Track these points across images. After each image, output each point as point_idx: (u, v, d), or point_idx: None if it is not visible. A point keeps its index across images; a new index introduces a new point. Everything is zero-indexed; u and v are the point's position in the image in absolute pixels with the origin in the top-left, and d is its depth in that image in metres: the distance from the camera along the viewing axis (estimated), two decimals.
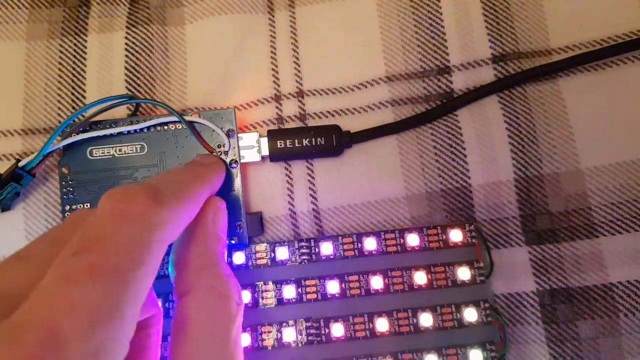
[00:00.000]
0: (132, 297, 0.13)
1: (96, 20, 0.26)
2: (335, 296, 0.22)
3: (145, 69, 0.25)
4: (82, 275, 0.12)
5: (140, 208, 0.14)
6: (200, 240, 0.18)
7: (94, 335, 0.12)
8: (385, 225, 0.23)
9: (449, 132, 0.24)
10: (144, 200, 0.14)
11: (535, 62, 0.24)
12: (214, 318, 0.16)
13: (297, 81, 0.25)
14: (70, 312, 0.12)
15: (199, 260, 0.17)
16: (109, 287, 0.13)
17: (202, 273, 0.17)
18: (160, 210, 0.14)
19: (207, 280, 0.17)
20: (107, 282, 0.13)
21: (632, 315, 0.22)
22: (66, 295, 0.12)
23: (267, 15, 0.26)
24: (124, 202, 0.14)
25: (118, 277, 0.13)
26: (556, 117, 0.24)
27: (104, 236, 0.13)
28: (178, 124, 0.23)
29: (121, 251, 0.13)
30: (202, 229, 0.18)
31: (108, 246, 0.13)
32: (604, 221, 0.23)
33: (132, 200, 0.14)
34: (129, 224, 0.14)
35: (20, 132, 0.25)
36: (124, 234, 0.14)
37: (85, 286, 0.12)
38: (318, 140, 0.23)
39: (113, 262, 0.13)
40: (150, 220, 0.14)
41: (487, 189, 0.23)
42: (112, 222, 0.14)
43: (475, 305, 0.22)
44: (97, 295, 0.12)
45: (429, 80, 0.25)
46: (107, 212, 0.14)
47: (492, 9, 0.25)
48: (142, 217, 0.14)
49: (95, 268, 0.13)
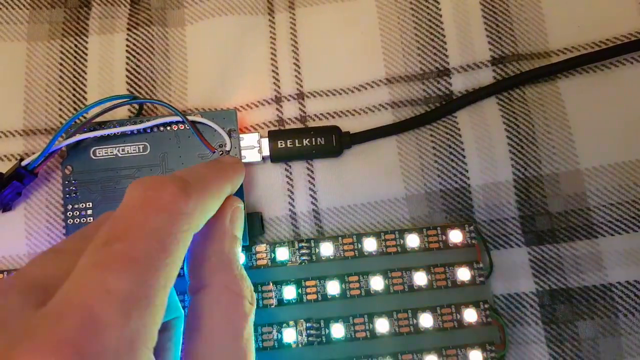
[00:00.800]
0: (163, 286, 0.13)
1: (97, 22, 0.26)
2: (336, 297, 0.22)
3: (146, 70, 0.25)
4: (115, 263, 0.13)
5: (169, 198, 0.14)
6: (217, 238, 0.18)
7: (129, 322, 0.12)
8: (385, 225, 0.24)
9: (448, 133, 0.24)
10: (173, 190, 0.14)
11: (534, 63, 0.24)
12: (227, 316, 0.16)
13: (297, 83, 0.25)
14: (105, 299, 0.12)
15: (215, 259, 0.17)
16: (141, 275, 0.13)
17: (216, 271, 0.17)
18: (188, 201, 0.15)
19: (221, 279, 0.17)
20: (139, 270, 0.13)
21: (632, 315, 0.22)
22: (100, 282, 0.12)
23: (267, 16, 0.26)
24: (153, 191, 0.14)
25: (149, 265, 0.13)
26: (555, 118, 0.24)
27: (134, 225, 0.14)
28: (180, 124, 0.23)
29: (151, 239, 0.13)
30: (220, 227, 0.18)
31: (139, 234, 0.13)
32: (603, 222, 0.23)
33: (161, 190, 0.14)
34: (158, 213, 0.14)
35: (21, 133, 0.25)
36: (153, 223, 0.14)
37: (118, 273, 0.12)
38: (318, 141, 0.24)
39: (144, 250, 0.13)
40: (178, 210, 0.14)
41: (487, 190, 0.23)
42: (142, 211, 0.14)
43: (475, 306, 0.22)
44: (131, 283, 0.12)
45: (429, 82, 0.25)
46: (135, 201, 0.14)
47: (491, 11, 0.25)
48: (170, 207, 0.14)
49: (127, 256, 0.13)
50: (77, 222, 0.23)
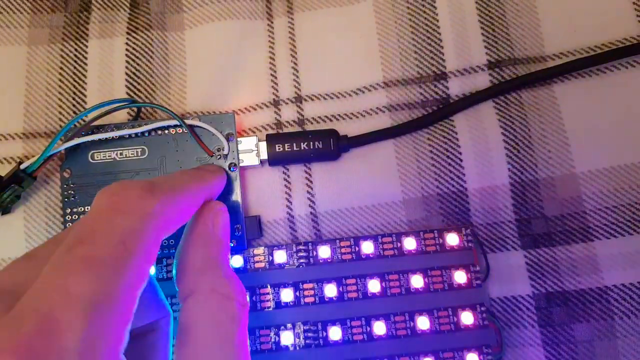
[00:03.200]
0: (127, 286, 0.13)
1: (97, 26, 0.26)
2: (333, 299, 0.22)
3: (146, 74, 0.26)
4: (76, 266, 0.13)
5: (133, 199, 0.14)
6: (201, 243, 0.18)
7: (89, 324, 0.12)
8: (383, 229, 0.24)
9: (445, 137, 0.24)
10: (138, 192, 0.15)
11: (531, 68, 0.24)
12: (217, 319, 0.16)
13: (295, 86, 0.25)
14: (64, 301, 0.12)
15: (200, 263, 0.17)
16: (103, 276, 0.13)
17: (203, 276, 0.17)
18: (153, 201, 0.15)
19: (208, 283, 0.17)
20: (100, 271, 0.13)
21: (627, 318, 0.22)
22: (60, 285, 0.12)
23: (266, 21, 0.26)
24: (117, 196, 0.15)
25: (111, 265, 0.13)
26: (551, 122, 0.24)
27: (98, 228, 0.14)
28: (178, 128, 0.23)
29: (114, 241, 0.13)
30: (202, 232, 0.18)
31: (101, 237, 0.13)
32: (598, 225, 0.23)
33: (125, 193, 0.15)
34: (122, 215, 0.14)
35: (21, 136, 0.25)
36: (116, 225, 0.14)
37: (78, 276, 0.12)
38: (316, 145, 0.24)
39: (106, 252, 0.13)
40: (142, 211, 0.14)
41: (483, 193, 0.24)
42: (105, 215, 0.14)
43: (472, 309, 0.22)
44: (91, 284, 0.12)
45: (426, 85, 0.25)
46: (101, 206, 0.14)
47: (487, 15, 0.25)
48: (134, 208, 0.14)
49: (88, 258, 0.13)
50: None
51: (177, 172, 0.19)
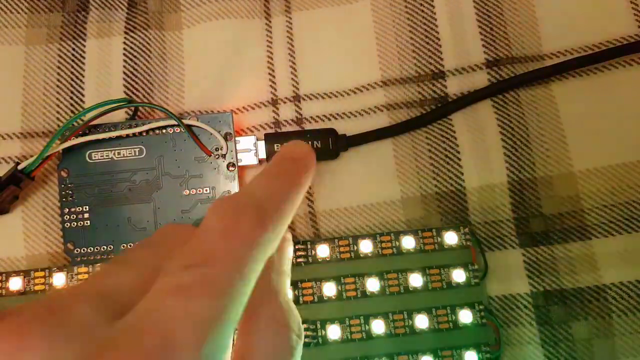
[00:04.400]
0: (237, 314, 0.13)
1: (94, 25, 0.26)
2: (332, 298, 0.22)
3: (143, 73, 0.26)
4: (196, 288, 0.13)
5: (247, 227, 0.14)
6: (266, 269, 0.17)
7: (204, 347, 0.12)
8: (381, 227, 0.24)
9: (444, 135, 0.24)
10: (252, 220, 0.14)
11: (528, 67, 0.25)
12: (273, 346, 0.16)
13: (293, 85, 0.25)
14: (184, 322, 0.12)
15: (264, 289, 0.17)
16: (220, 301, 0.13)
17: (264, 302, 0.17)
18: (265, 232, 0.15)
19: (267, 310, 0.17)
20: (219, 297, 0.13)
21: (625, 316, 0.22)
22: (181, 305, 0.12)
23: (264, 20, 0.26)
24: (232, 219, 0.14)
25: (228, 291, 0.13)
26: (549, 121, 0.24)
27: (214, 251, 0.14)
28: (176, 128, 0.23)
29: (231, 267, 0.13)
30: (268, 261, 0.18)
31: (218, 261, 0.13)
32: (596, 223, 0.23)
33: (239, 220, 0.14)
34: (237, 241, 0.14)
35: (19, 136, 0.25)
36: (232, 251, 0.14)
37: (199, 298, 0.12)
38: (314, 144, 0.24)
39: (224, 277, 0.13)
40: (256, 240, 0.14)
41: (481, 192, 0.24)
42: (221, 238, 0.14)
43: (470, 307, 0.22)
44: (209, 308, 0.13)
45: (424, 84, 0.25)
46: (215, 227, 0.14)
47: (485, 14, 0.25)
48: (249, 236, 0.14)
49: (209, 282, 0.13)
50: (74, 225, 0.23)
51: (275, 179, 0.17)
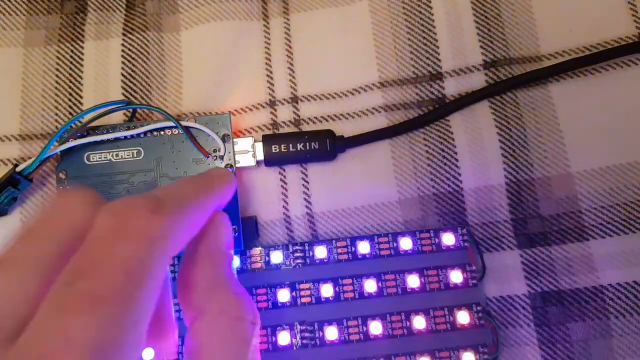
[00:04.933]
0: (134, 323, 0.12)
1: (93, 27, 0.26)
2: (329, 299, 0.22)
3: (142, 75, 0.26)
4: (78, 305, 0.11)
5: (139, 222, 0.13)
6: (206, 260, 0.16)
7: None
8: (379, 229, 0.24)
9: (441, 137, 0.24)
10: (143, 212, 0.13)
11: (526, 67, 0.25)
12: (227, 343, 0.15)
13: (291, 87, 0.25)
14: (67, 347, 0.11)
15: (206, 282, 0.16)
16: (108, 315, 0.12)
17: (210, 296, 0.16)
18: (161, 222, 0.13)
19: (216, 303, 0.15)
20: (105, 310, 0.12)
21: (623, 317, 0.22)
22: (62, 328, 0.11)
23: (261, 22, 0.26)
24: (122, 217, 0.13)
25: (117, 302, 0.12)
26: (547, 122, 0.24)
27: (99, 258, 0.12)
28: (174, 129, 0.23)
29: (119, 273, 0.12)
30: (206, 247, 0.16)
31: (104, 270, 0.12)
32: (594, 224, 0.23)
33: (130, 214, 0.13)
34: (127, 241, 0.13)
35: (17, 138, 0.25)
36: (121, 254, 0.12)
37: (81, 317, 0.11)
38: (312, 145, 0.24)
39: (111, 287, 0.12)
40: (150, 235, 0.13)
41: (479, 193, 0.24)
42: (109, 242, 0.13)
43: (468, 308, 0.22)
44: (96, 325, 0.11)
45: (422, 86, 0.25)
46: (103, 230, 0.13)
47: (483, 15, 0.25)
48: (141, 232, 0.13)
49: (91, 296, 0.12)
50: None
51: (183, 182, 0.17)
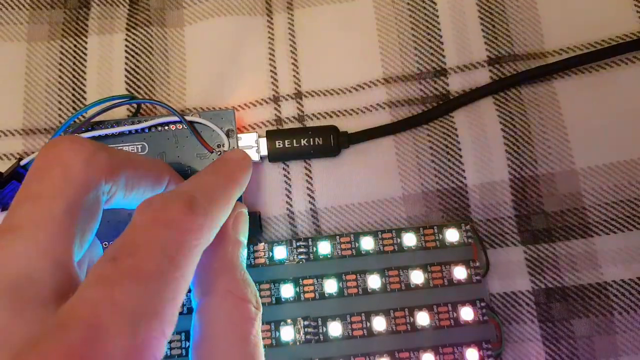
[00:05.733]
0: (171, 299, 0.13)
1: (96, 22, 0.26)
2: (333, 295, 0.22)
3: (145, 70, 0.26)
4: (123, 277, 0.13)
5: (177, 216, 0.15)
6: (220, 244, 0.18)
7: (134, 334, 0.12)
8: (382, 224, 0.24)
9: (445, 133, 0.24)
10: (179, 208, 0.15)
11: (531, 64, 0.24)
12: (232, 321, 0.16)
13: (295, 82, 0.25)
14: (111, 311, 0.12)
15: (217, 264, 0.17)
16: (149, 288, 0.13)
17: (219, 277, 0.17)
18: (193, 217, 0.15)
19: (224, 284, 0.17)
20: (147, 284, 0.13)
21: (627, 313, 0.22)
22: (108, 295, 0.12)
23: (265, 17, 0.26)
24: (161, 212, 0.15)
25: (157, 278, 0.13)
26: (551, 118, 0.24)
27: (142, 241, 0.14)
28: (178, 124, 0.23)
29: (159, 255, 0.14)
30: (222, 233, 0.18)
31: (146, 250, 0.14)
32: (598, 221, 0.23)
33: (169, 209, 0.15)
34: (167, 230, 0.14)
35: (21, 132, 0.25)
36: (161, 240, 0.14)
37: (126, 287, 0.13)
38: (316, 141, 0.24)
39: (152, 266, 0.13)
40: (186, 227, 0.15)
41: (483, 189, 0.24)
42: (149, 229, 0.14)
43: (472, 304, 0.22)
44: (138, 296, 0.13)
45: (426, 82, 0.25)
46: (144, 220, 0.15)
47: (487, 12, 0.25)
48: (179, 224, 0.15)
49: (136, 270, 0.13)
50: None
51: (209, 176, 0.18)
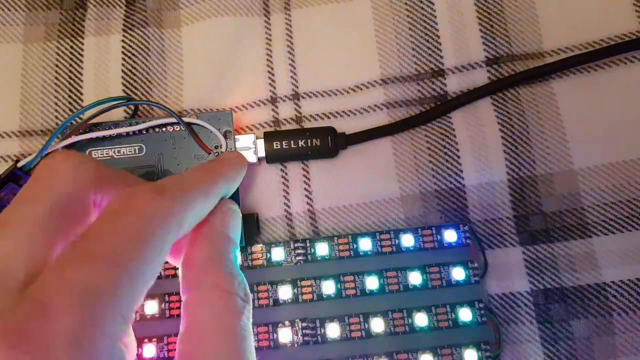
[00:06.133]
0: (128, 281, 0.13)
1: (93, 23, 0.26)
2: (331, 296, 0.22)
3: (142, 71, 0.26)
4: (76, 258, 0.13)
5: (142, 201, 0.15)
6: (206, 239, 0.18)
7: (82, 312, 0.12)
8: (380, 225, 0.24)
9: (443, 133, 0.24)
10: (147, 194, 0.15)
11: (529, 64, 0.24)
12: (217, 314, 0.16)
13: (292, 83, 0.25)
14: (59, 288, 0.12)
15: (203, 259, 0.17)
16: (103, 269, 0.13)
17: (205, 271, 0.17)
18: (160, 202, 0.15)
19: (209, 277, 0.17)
20: (102, 265, 0.13)
21: (625, 314, 0.22)
22: (59, 274, 0.13)
23: (263, 17, 0.26)
24: (128, 198, 0.15)
25: (113, 260, 0.13)
26: (549, 119, 0.24)
27: (104, 225, 0.14)
28: (176, 126, 0.23)
29: (119, 238, 0.14)
30: (208, 228, 0.18)
31: (106, 234, 0.14)
32: (597, 221, 0.23)
33: (136, 196, 0.15)
34: (129, 215, 0.14)
35: (17, 134, 0.25)
36: (124, 224, 0.14)
37: (77, 266, 0.13)
38: (314, 142, 0.24)
39: (110, 247, 0.14)
40: (150, 212, 0.15)
41: (481, 190, 0.24)
42: (114, 215, 0.15)
43: (470, 306, 0.22)
44: (90, 275, 0.13)
45: (424, 82, 0.25)
46: (111, 208, 0.15)
47: (485, 12, 0.25)
48: (141, 208, 0.15)
49: (90, 252, 0.13)
50: None
51: (193, 169, 0.19)
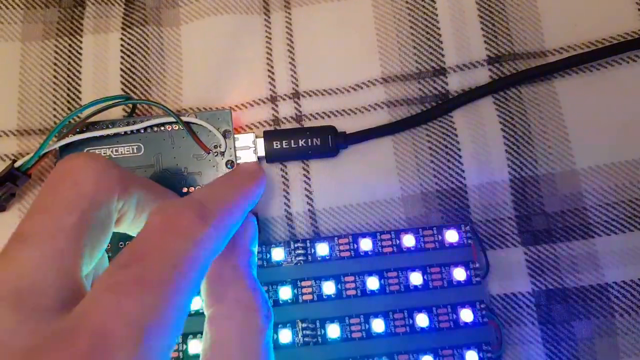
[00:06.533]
0: (178, 308, 0.13)
1: (91, 21, 0.26)
2: (331, 297, 0.22)
3: (141, 69, 0.25)
4: (129, 286, 0.13)
5: (186, 223, 0.15)
6: (231, 254, 0.18)
7: (141, 342, 0.12)
8: (381, 226, 0.23)
9: (445, 133, 0.24)
10: (190, 216, 0.15)
11: (531, 63, 0.24)
12: (241, 331, 0.17)
13: (292, 82, 0.25)
14: (120, 319, 0.12)
15: (228, 274, 0.18)
16: (156, 297, 0.13)
17: (230, 286, 0.17)
18: (204, 227, 0.15)
19: (233, 294, 0.17)
20: (154, 292, 0.13)
21: (628, 315, 0.22)
22: (114, 303, 0.13)
23: (262, 16, 0.26)
24: (172, 217, 0.15)
25: (164, 288, 0.13)
26: (551, 118, 0.24)
27: (151, 248, 0.14)
28: (174, 125, 0.23)
29: (167, 263, 0.14)
30: (232, 243, 0.18)
31: (155, 259, 0.14)
32: (599, 221, 0.23)
33: (179, 216, 0.15)
34: (177, 238, 0.14)
35: (15, 133, 0.25)
36: (170, 247, 0.14)
37: (134, 295, 0.13)
38: (314, 141, 0.23)
39: (160, 274, 0.13)
40: (195, 236, 0.15)
41: (483, 190, 0.23)
42: (159, 236, 0.14)
43: (471, 306, 0.22)
44: (144, 305, 0.13)
45: (425, 81, 0.25)
46: (154, 227, 0.15)
47: (487, 10, 0.25)
48: (188, 232, 0.15)
49: (143, 279, 0.13)
50: None
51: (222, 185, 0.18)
